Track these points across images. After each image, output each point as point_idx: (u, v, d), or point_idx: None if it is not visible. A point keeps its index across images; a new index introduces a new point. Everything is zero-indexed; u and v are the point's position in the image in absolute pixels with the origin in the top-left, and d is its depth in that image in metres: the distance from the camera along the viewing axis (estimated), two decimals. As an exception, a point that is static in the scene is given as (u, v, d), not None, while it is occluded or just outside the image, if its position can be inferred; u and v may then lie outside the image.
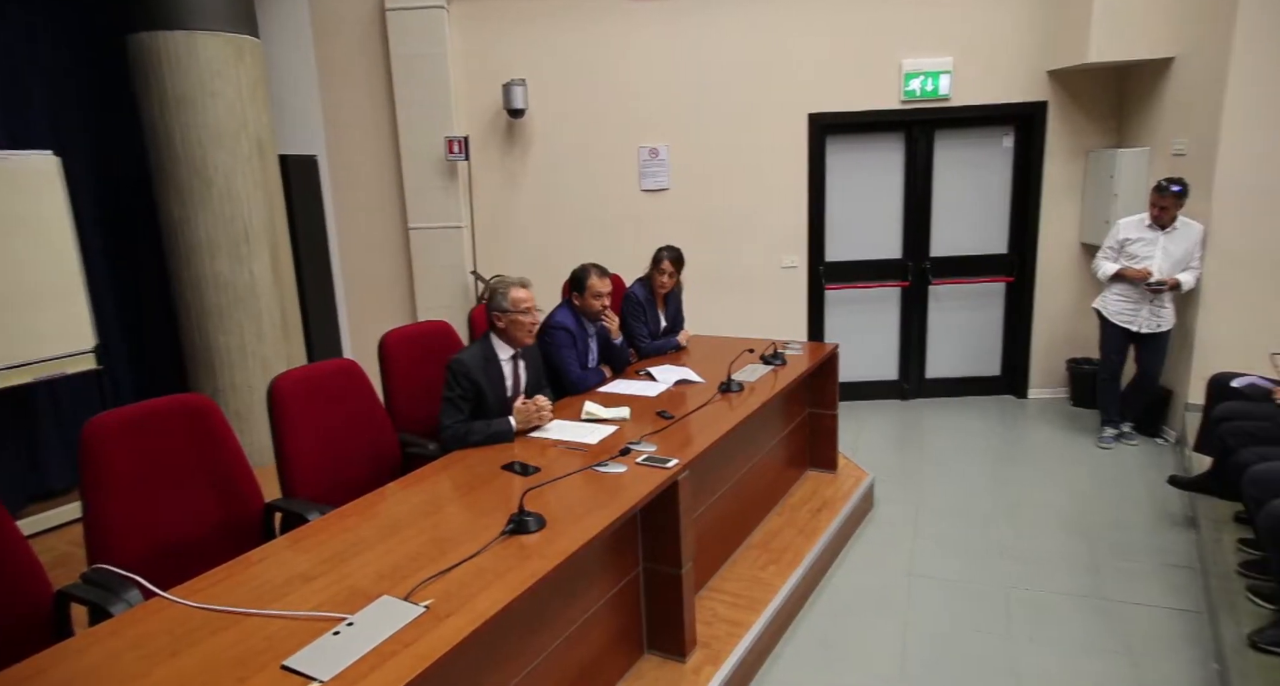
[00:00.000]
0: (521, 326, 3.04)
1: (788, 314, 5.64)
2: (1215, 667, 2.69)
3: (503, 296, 3.02)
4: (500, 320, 3.04)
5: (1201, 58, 4.41)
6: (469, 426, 2.91)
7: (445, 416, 2.91)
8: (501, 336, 3.07)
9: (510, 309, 3.02)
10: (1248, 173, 4.26)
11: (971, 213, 5.58)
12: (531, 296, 3.05)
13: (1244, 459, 2.95)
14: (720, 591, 3.15)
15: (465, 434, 2.90)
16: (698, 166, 5.48)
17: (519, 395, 3.12)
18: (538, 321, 3.10)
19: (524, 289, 3.05)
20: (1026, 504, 4.12)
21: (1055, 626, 3.08)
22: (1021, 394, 5.70)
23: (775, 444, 3.89)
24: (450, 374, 2.95)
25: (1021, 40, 5.16)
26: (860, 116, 5.35)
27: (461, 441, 2.89)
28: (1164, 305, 4.51)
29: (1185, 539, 3.64)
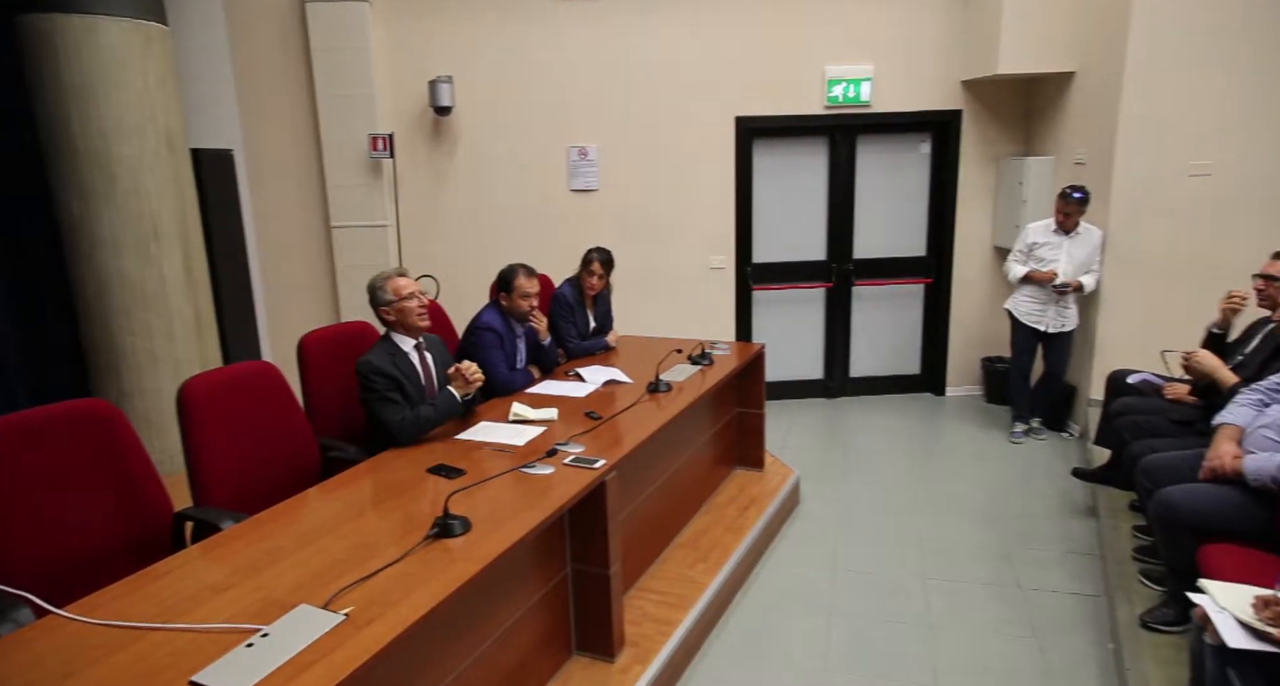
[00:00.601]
0: (411, 313, 3.01)
1: (716, 314, 5.71)
2: (1111, 647, 2.85)
3: (383, 291, 3.00)
4: (389, 314, 3.01)
5: (1098, 73, 4.66)
6: (416, 412, 2.87)
7: (386, 414, 2.85)
8: (398, 329, 3.04)
9: (395, 299, 2.99)
10: (1141, 182, 4.52)
11: (892, 216, 5.77)
12: (412, 282, 3.04)
13: (1136, 451, 3.13)
14: (649, 590, 3.17)
15: (417, 419, 2.86)
16: (627, 167, 5.50)
17: (433, 385, 3.08)
18: (425, 304, 3.06)
19: (402, 277, 3.03)
20: (943, 497, 4.28)
21: (969, 613, 3.21)
22: (940, 391, 5.92)
23: (703, 443, 3.94)
24: (362, 376, 2.88)
25: (938, 51, 5.36)
26: (786, 121, 5.47)
27: (418, 427, 2.86)
28: (1068, 306, 4.75)
29: (1087, 527, 3.85)
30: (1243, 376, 3.02)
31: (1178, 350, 3.35)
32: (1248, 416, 2.73)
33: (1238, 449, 2.66)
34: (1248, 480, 2.55)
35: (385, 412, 2.85)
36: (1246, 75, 4.32)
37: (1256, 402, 2.76)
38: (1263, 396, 2.75)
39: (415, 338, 3.08)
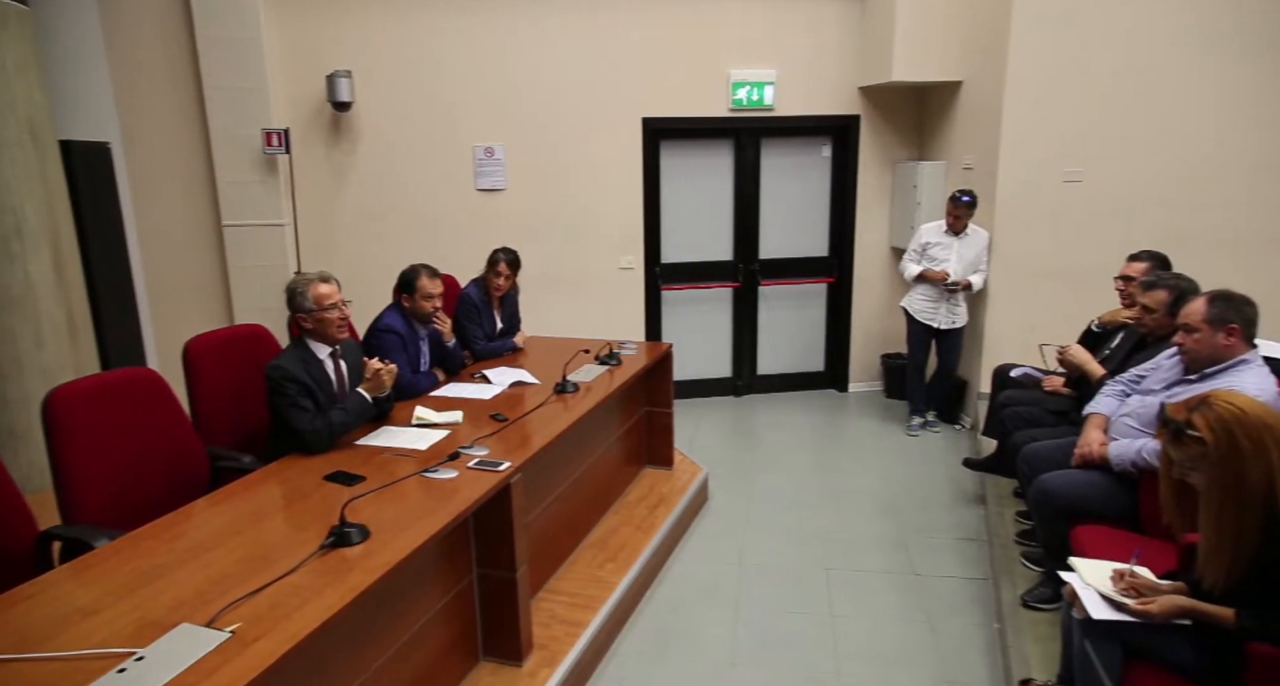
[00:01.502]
0: (331, 324, 2.90)
1: (625, 314, 5.73)
2: (996, 627, 3.02)
3: (303, 296, 2.87)
4: (307, 321, 2.90)
5: (982, 83, 4.92)
6: (328, 418, 2.76)
7: (297, 421, 2.73)
8: (314, 337, 2.93)
9: (315, 308, 2.88)
10: (1022, 187, 4.80)
11: (795, 217, 5.93)
12: (335, 291, 2.92)
13: (1018, 440, 3.33)
14: (558, 592, 3.16)
15: (330, 425, 2.75)
16: (534, 167, 5.46)
17: (345, 393, 2.98)
18: (346, 315, 2.96)
19: (326, 284, 2.91)
20: (845, 490, 4.43)
21: (868, 600, 3.33)
22: (843, 388, 6.12)
23: (612, 443, 3.95)
24: (272, 381, 2.77)
25: (837, 57, 5.54)
26: (692, 122, 5.54)
27: (331, 432, 2.75)
28: (959, 304, 5.00)
29: (976, 514, 4.05)
30: (1109, 369, 3.25)
31: (1053, 344, 3.57)
32: (1112, 406, 2.94)
33: (1104, 437, 2.86)
34: (1112, 465, 2.75)
35: (296, 419, 2.73)
36: (1113, 89, 4.64)
37: (1119, 393, 2.97)
38: (1124, 387, 2.97)
39: (331, 345, 2.97)
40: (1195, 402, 1.88)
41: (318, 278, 2.92)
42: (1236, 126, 4.63)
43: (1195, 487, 1.89)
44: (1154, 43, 4.57)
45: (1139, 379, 2.95)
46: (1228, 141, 4.66)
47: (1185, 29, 4.53)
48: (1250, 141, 4.64)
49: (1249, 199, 4.72)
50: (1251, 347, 2.59)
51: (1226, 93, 4.59)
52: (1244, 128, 4.63)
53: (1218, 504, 1.81)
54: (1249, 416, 1.79)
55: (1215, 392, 1.89)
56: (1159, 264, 3.54)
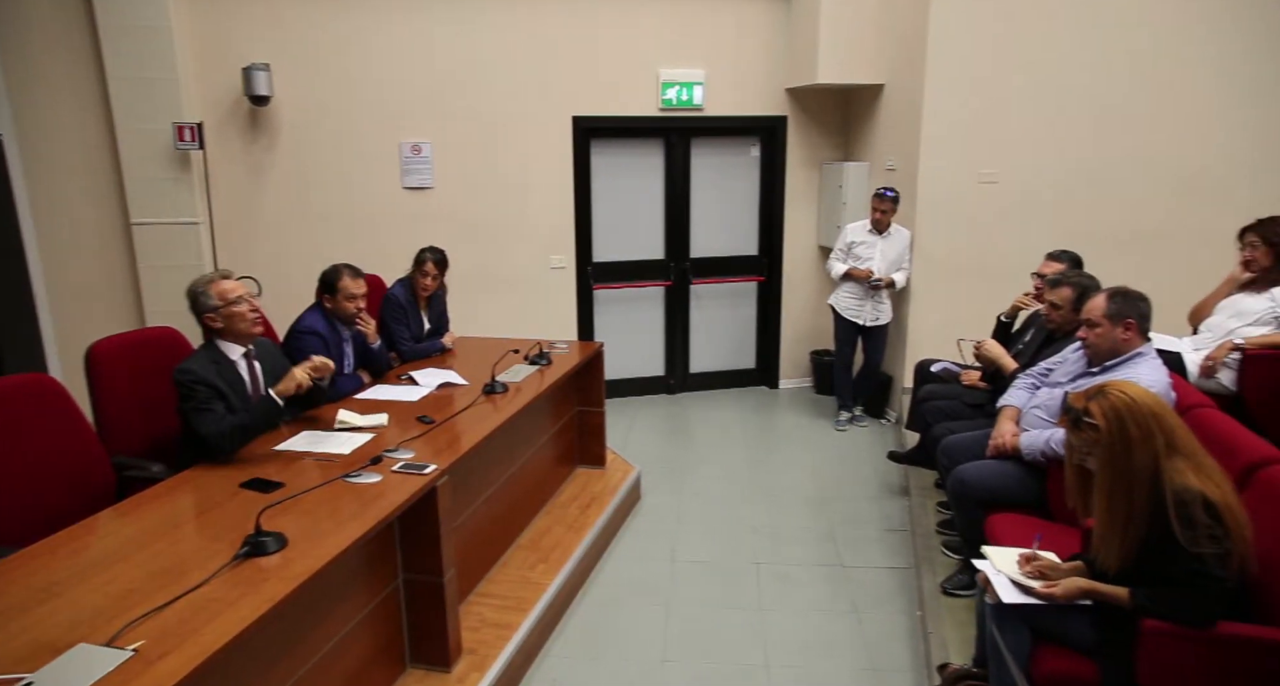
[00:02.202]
0: (241, 318, 2.79)
1: (557, 314, 5.70)
2: (918, 614, 3.11)
3: (206, 296, 2.76)
4: (215, 320, 2.78)
5: (904, 86, 5.07)
6: (231, 421, 2.65)
7: (202, 425, 2.62)
8: (225, 337, 2.81)
9: (220, 304, 2.77)
10: (941, 188, 4.96)
11: (726, 217, 5.99)
12: (239, 285, 2.82)
13: (938, 433, 3.44)
14: (488, 595, 3.13)
15: (230, 427, 2.63)
16: (463, 165, 5.38)
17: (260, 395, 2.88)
18: (258, 308, 2.85)
19: (228, 279, 2.81)
20: (775, 485, 4.50)
21: (796, 593, 3.40)
22: (774, 385, 6.22)
23: (543, 443, 3.93)
24: (180, 385, 2.65)
25: (765, 59, 5.62)
26: (622, 121, 5.54)
27: (231, 437, 2.63)
28: (883, 301, 5.13)
29: (901, 506, 4.17)
30: (1021, 363, 3.39)
31: (970, 339, 3.70)
32: (1023, 398, 3.07)
33: (1016, 428, 2.98)
34: (1023, 455, 2.87)
35: (202, 423, 2.62)
36: (1024, 94, 4.83)
37: (1030, 386, 3.10)
38: (1034, 380, 3.10)
39: (244, 345, 2.86)
40: (1093, 392, 1.98)
41: (218, 275, 2.81)
42: (1133, 131, 4.87)
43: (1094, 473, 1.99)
44: (1061, 49, 4.76)
45: (1047, 372, 3.08)
46: (1125, 145, 4.89)
47: (1090, 36, 4.74)
48: (1144, 146, 4.88)
49: (1143, 200, 4.96)
50: (1146, 341, 2.73)
51: (1126, 99, 4.83)
52: (1139, 133, 4.87)
53: (1109, 487, 1.91)
54: (1138, 405, 1.90)
55: (1110, 383, 2.00)
56: (1074, 263, 3.71)
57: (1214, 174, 4.87)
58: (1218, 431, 2.37)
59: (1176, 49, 4.74)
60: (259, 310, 2.87)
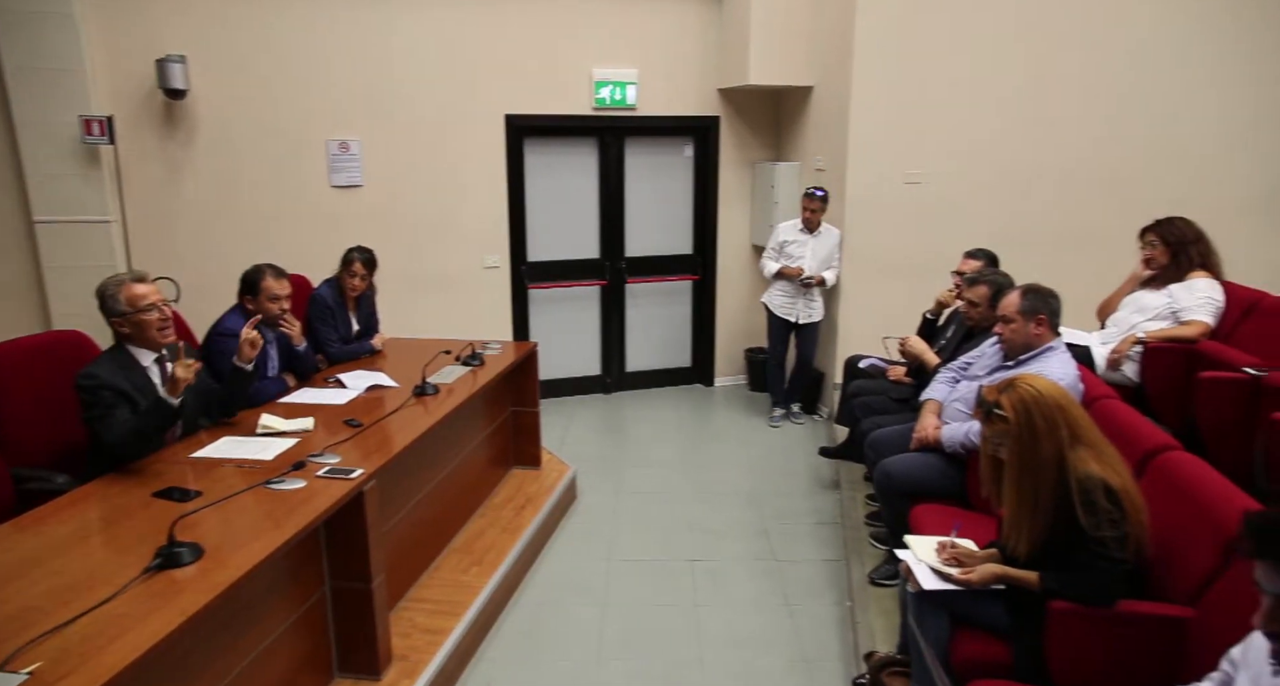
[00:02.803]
0: (149, 327, 2.66)
1: (491, 314, 5.65)
2: (848, 605, 3.19)
3: (114, 300, 2.63)
4: (123, 325, 2.66)
5: (832, 88, 5.18)
6: (128, 423, 2.53)
7: (106, 432, 2.50)
8: (135, 342, 2.70)
9: (129, 310, 2.64)
10: (869, 188, 5.08)
11: (660, 216, 6.02)
12: (152, 290, 2.69)
13: (865, 427, 3.53)
14: (420, 600, 3.08)
15: (127, 431, 2.51)
16: (394, 163, 5.27)
17: None
18: (168, 316, 2.73)
19: (142, 283, 2.68)
20: (711, 482, 4.55)
21: (730, 588, 3.44)
22: (709, 382, 6.28)
23: (477, 444, 3.88)
24: (82, 391, 2.53)
25: (697, 59, 5.67)
26: (555, 120, 5.52)
27: (128, 442, 2.52)
28: (814, 299, 5.23)
29: (832, 499, 4.27)
30: (943, 358, 3.50)
31: (894, 336, 3.81)
32: (945, 392, 3.18)
33: (938, 421, 3.08)
34: (945, 447, 2.97)
35: (104, 429, 2.50)
36: (946, 97, 4.98)
37: (951, 380, 3.21)
38: (955, 374, 3.21)
39: (156, 350, 2.74)
40: (1003, 386, 2.07)
41: (131, 277, 2.68)
42: (1047, 136, 5.06)
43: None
44: (982, 54, 4.93)
45: (967, 366, 3.20)
46: (1040, 149, 5.09)
47: (1009, 43, 4.91)
48: (1057, 150, 5.09)
49: (1057, 201, 5.16)
50: (1057, 336, 2.86)
51: (1041, 104, 5.02)
52: (1054, 137, 5.07)
53: (1018, 476, 2.00)
54: (1044, 397, 1.99)
55: (1019, 377, 2.09)
56: (990, 261, 3.85)
57: (1120, 177, 5.11)
58: (1120, 421, 2.49)
59: (1089, 58, 4.95)
60: (169, 319, 2.74)
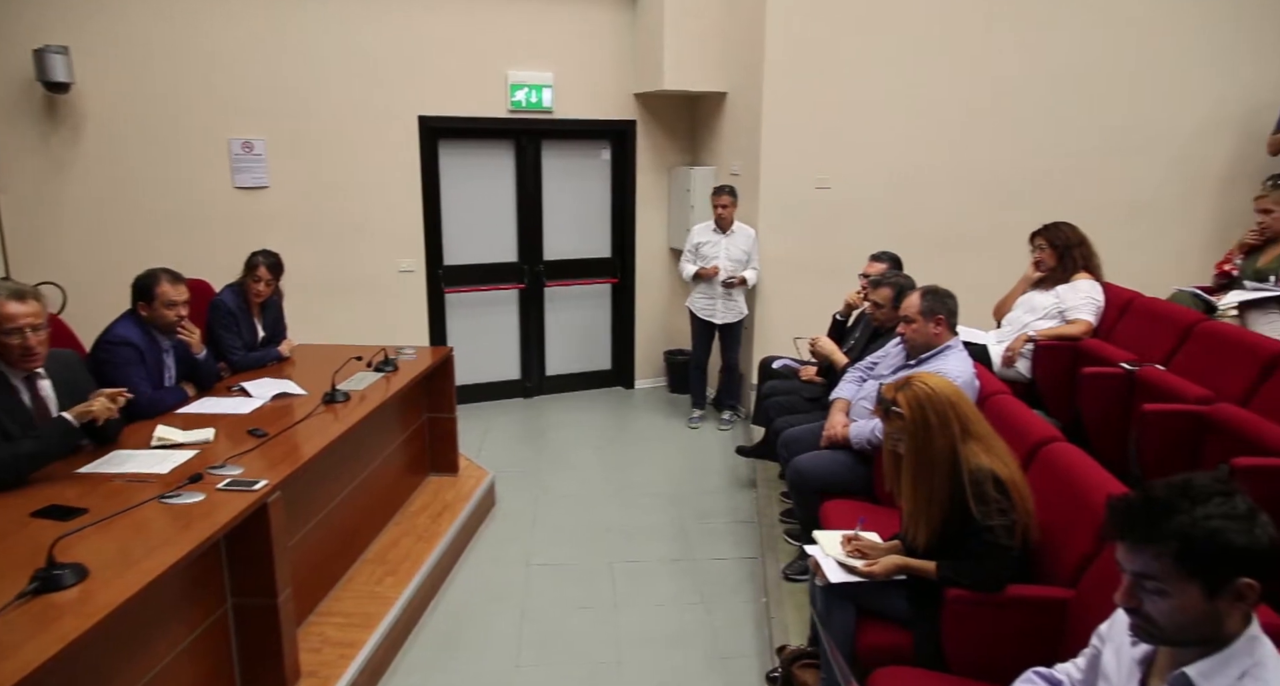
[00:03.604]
0: (11, 351, 2.43)
1: (407, 319, 5.53)
2: (764, 601, 3.26)
3: None
4: None
5: (745, 94, 5.29)
6: (14, 448, 2.36)
7: None
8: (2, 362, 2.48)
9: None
10: (782, 192, 5.21)
11: (578, 219, 6.03)
12: (29, 311, 2.44)
13: (778, 426, 3.62)
14: (331, 614, 3.00)
15: (16, 456, 2.36)
16: (302, 164, 5.10)
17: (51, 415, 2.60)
18: (31, 345, 2.45)
19: (19, 302, 2.41)
20: (631, 483, 4.58)
21: (649, 589, 3.47)
22: (629, 385, 6.32)
23: (391, 452, 3.80)
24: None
25: (613, 63, 5.69)
26: (471, 122, 5.45)
27: (18, 465, 2.37)
28: (735, 299, 5.29)
29: (749, 498, 4.35)
30: (851, 357, 3.62)
31: (805, 337, 3.91)
32: (852, 391, 3.29)
33: (846, 419, 3.18)
34: (852, 444, 3.07)
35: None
36: (852, 104, 5.14)
37: (858, 379, 3.32)
38: (862, 373, 3.33)
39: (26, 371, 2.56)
40: (900, 384, 2.16)
41: (7, 293, 2.42)
42: (947, 142, 5.29)
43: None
44: (886, 63, 5.11)
45: (873, 365, 3.32)
46: (941, 155, 5.30)
47: (910, 52, 5.11)
48: (956, 156, 5.32)
49: (957, 205, 5.40)
50: (955, 335, 3.00)
51: (941, 112, 5.24)
52: (953, 144, 5.30)
53: (915, 470, 2.10)
54: (938, 395, 2.09)
55: (915, 375, 2.19)
56: (894, 263, 4.00)
57: (1015, 182, 5.38)
58: (1010, 415, 2.63)
59: (988, 70, 5.19)
60: (33, 348, 2.46)
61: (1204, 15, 5.24)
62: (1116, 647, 1.45)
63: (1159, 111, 5.35)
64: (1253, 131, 5.32)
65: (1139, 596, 1.27)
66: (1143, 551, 1.24)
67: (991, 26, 5.13)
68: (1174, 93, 5.32)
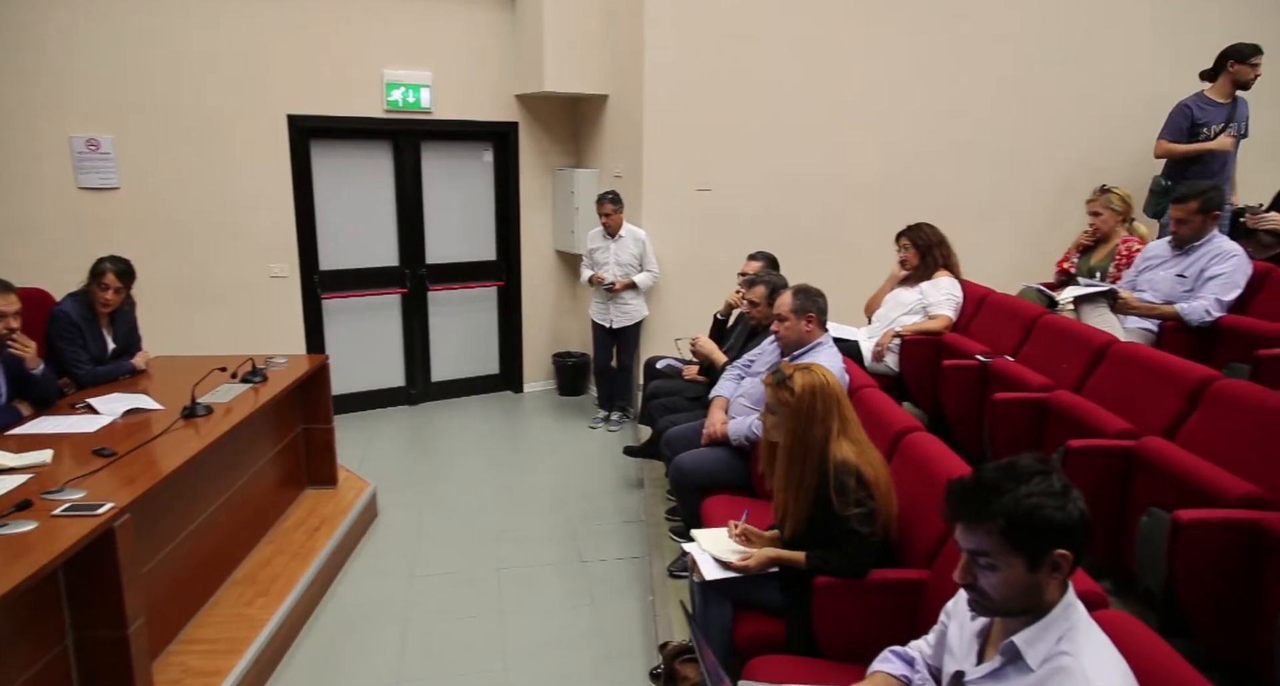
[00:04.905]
0: None
1: (282, 326, 5.27)
2: (650, 599, 3.29)
3: None
4: None
5: (626, 97, 5.33)
6: None
7: None
8: None
9: None
10: (665, 195, 5.28)
11: (462, 222, 5.91)
12: None
13: (662, 426, 3.67)
14: (194, 641, 2.82)
15: None
16: (158, 163, 4.77)
17: None
18: None
19: None
20: (519, 488, 4.52)
21: (537, 593, 3.44)
22: (518, 389, 6.25)
23: (262, 466, 3.62)
24: None
25: (494, 64, 5.61)
26: (345, 122, 5.25)
27: None
28: (626, 303, 5.30)
29: (636, 497, 4.38)
30: (730, 356, 3.71)
31: (685, 337, 3.98)
32: (731, 389, 3.37)
33: (725, 416, 3.26)
34: (732, 441, 3.14)
35: None
36: (730, 109, 5.26)
37: (736, 377, 3.41)
38: (740, 371, 3.41)
39: None
40: (803, 366, 2.28)
41: None
42: (820, 146, 5.49)
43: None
44: (759, 68, 5.25)
45: (750, 363, 3.41)
46: (814, 158, 5.50)
47: (782, 57, 5.27)
48: (829, 159, 5.53)
49: (832, 206, 5.62)
50: (825, 332, 3.12)
51: (813, 116, 5.43)
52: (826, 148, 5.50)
53: (789, 456, 2.19)
54: (829, 388, 2.21)
55: (815, 364, 2.30)
56: (770, 262, 4.13)
57: (886, 184, 5.64)
58: (876, 408, 2.76)
59: (856, 74, 5.42)
60: None
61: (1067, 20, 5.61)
62: (960, 623, 1.55)
63: (1014, 120, 5.72)
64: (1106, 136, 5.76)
65: (974, 572, 1.36)
66: (975, 530, 1.33)
67: (862, 33, 5.35)
68: (1030, 100, 5.69)
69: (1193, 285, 3.39)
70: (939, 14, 5.44)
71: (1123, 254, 3.88)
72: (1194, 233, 3.43)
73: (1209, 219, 3.42)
